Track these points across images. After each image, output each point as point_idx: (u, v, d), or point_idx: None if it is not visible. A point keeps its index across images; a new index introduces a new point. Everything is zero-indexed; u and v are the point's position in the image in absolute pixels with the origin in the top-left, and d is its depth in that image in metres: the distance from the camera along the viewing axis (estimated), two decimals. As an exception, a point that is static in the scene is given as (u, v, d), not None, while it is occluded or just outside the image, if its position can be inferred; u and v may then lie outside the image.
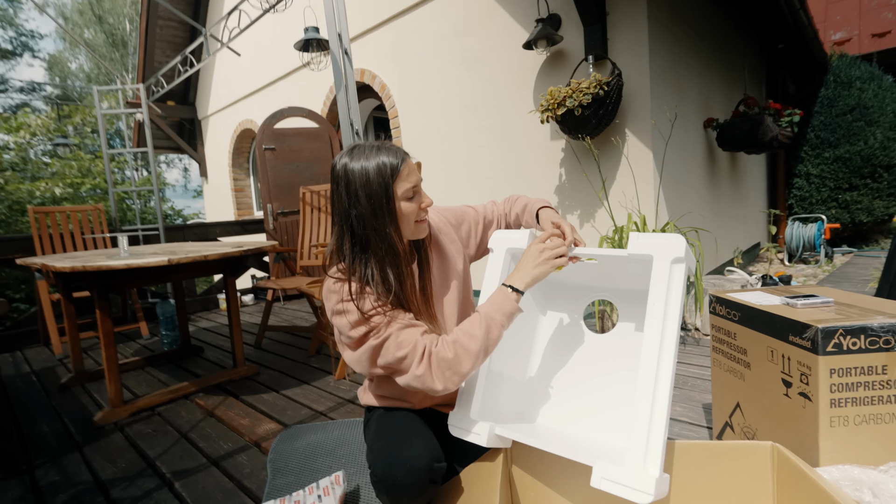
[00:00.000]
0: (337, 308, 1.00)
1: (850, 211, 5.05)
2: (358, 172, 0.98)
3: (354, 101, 1.92)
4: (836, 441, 0.99)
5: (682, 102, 3.12)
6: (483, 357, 0.97)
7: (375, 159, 0.99)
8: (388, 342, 0.97)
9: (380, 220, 0.99)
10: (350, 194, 0.99)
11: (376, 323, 0.97)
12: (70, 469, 1.61)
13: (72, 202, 8.95)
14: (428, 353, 0.95)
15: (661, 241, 0.97)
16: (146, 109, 4.25)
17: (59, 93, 14.96)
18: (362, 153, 1.00)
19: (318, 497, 1.21)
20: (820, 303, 1.13)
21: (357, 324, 0.98)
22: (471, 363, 0.95)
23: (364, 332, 0.98)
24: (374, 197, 0.98)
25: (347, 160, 1.00)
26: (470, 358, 0.95)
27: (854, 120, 4.89)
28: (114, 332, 2.00)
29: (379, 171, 0.98)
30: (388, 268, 1.01)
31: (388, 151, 1.01)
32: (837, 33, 6.38)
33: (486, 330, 0.96)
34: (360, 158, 0.99)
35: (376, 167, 0.98)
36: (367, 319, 0.97)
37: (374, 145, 1.02)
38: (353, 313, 0.98)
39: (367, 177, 0.98)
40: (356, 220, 1.00)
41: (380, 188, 0.98)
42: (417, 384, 0.96)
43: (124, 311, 3.75)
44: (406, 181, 1.01)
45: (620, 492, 0.82)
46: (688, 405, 1.72)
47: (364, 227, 1.00)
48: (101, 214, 3.57)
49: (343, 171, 1.00)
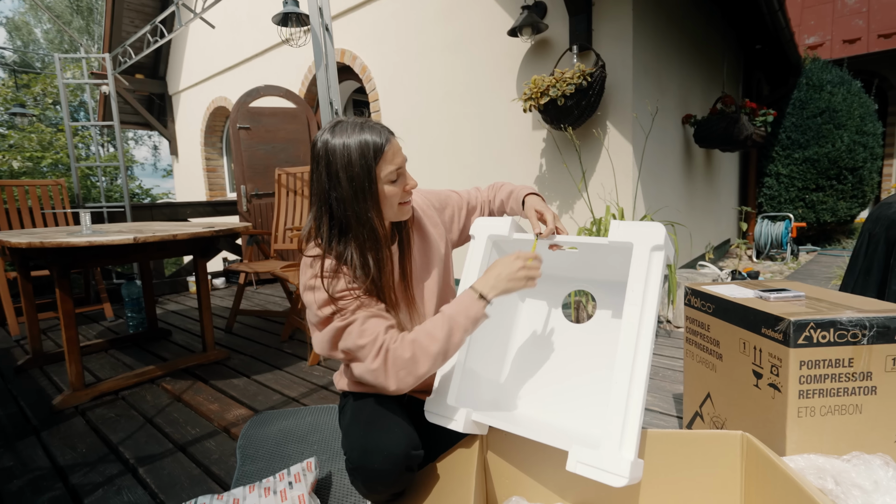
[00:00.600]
0: (309, 283, 0.97)
1: (816, 211, 5.23)
2: (339, 152, 0.94)
3: (335, 79, 1.86)
4: (803, 431, 1.02)
5: (663, 97, 3.15)
6: (442, 360, 0.94)
7: (359, 137, 0.94)
8: (352, 327, 0.94)
9: (361, 204, 0.95)
10: (330, 175, 0.95)
11: (344, 305, 0.95)
12: (26, 454, 1.53)
13: (31, 177, 8.51)
14: (385, 349, 0.92)
15: (641, 229, 0.98)
16: (112, 81, 4.05)
17: (18, 59, 14.14)
18: (345, 130, 0.95)
19: (288, 484, 1.18)
20: (792, 297, 1.15)
21: (326, 303, 0.95)
22: (428, 365, 0.92)
23: (331, 312, 0.95)
24: (355, 179, 0.94)
25: (329, 137, 0.96)
26: (428, 360, 0.92)
27: (823, 122, 5.04)
28: (75, 312, 1.91)
29: (362, 152, 0.94)
30: (367, 252, 0.98)
31: (373, 129, 0.96)
32: (811, 38, 6.56)
33: (449, 333, 0.93)
34: (342, 135, 0.95)
35: (359, 147, 0.94)
36: (336, 300, 0.95)
37: (357, 122, 0.97)
38: (323, 291, 0.95)
39: (349, 157, 0.93)
40: (336, 201, 0.96)
41: (362, 170, 0.94)
42: (370, 378, 0.93)
43: (87, 292, 3.60)
44: (390, 163, 0.97)
45: (596, 475, 0.82)
46: (659, 395, 1.75)
47: (344, 210, 0.96)
48: (62, 190, 3.40)
49: (324, 149, 0.95)
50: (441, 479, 1.03)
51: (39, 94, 9.49)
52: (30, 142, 8.61)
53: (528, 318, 1.25)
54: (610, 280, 1.17)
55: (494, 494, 1.07)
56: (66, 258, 1.82)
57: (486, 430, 1.05)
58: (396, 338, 0.94)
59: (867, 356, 1.00)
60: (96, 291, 3.59)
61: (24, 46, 15.11)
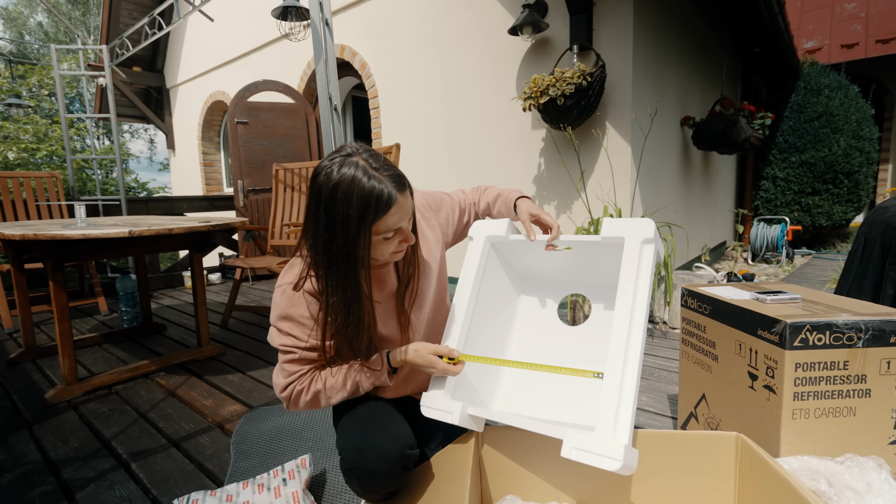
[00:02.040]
0: (281, 312, 0.98)
1: (812, 214, 5.26)
2: (340, 202, 0.84)
3: (334, 74, 1.85)
4: (797, 433, 1.03)
5: (662, 99, 3.16)
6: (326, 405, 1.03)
7: (367, 183, 0.84)
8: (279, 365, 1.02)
9: (351, 266, 0.88)
10: (327, 225, 0.86)
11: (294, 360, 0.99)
12: (17, 448, 1.52)
13: (26, 168, 8.44)
14: (291, 390, 0.99)
15: (632, 225, 1.01)
16: (109, 73, 4.02)
17: (14, 49, 14.01)
18: (355, 168, 0.85)
19: (282, 480, 1.18)
20: (788, 299, 1.16)
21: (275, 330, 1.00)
22: (325, 406, 1.02)
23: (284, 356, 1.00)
24: (349, 241, 0.86)
25: (336, 169, 0.85)
26: (326, 404, 1.01)
27: (821, 126, 5.06)
28: (69, 306, 1.90)
29: (362, 212, 0.84)
30: (350, 305, 0.92)
31: (385, 179, 0.86)
32: (809, 42, 6.58)
33: (352, 392, 1.01)
34: (348, 182, 0.84)
35: (364, 196, 0.83)
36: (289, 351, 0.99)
37: (371, 164, 0.86)
38: (279, 314, 0.98)
39: (348, 214, 0.84)
40: (324, 246, 0.88)
41: (359, 221, 0.85)
42: (280, 397, 1.01)
43: (81, 286, 3.58)
44: (392, 222, 0.88)
45: (590, 460, 0.81)
46: (653, 395, 1.76)
47: (330, 261, 0.89)
48: (57, 182, 3.37)
49: (328, 187, 0.85)
50: (436, 477, 1.03)
51: (35, 85, 9.42)
52: (25, 133, 8.54)
53: (526, 319, 1.25)
54: (604, 282, 1.17)
55: (489, 492, 1.07)
56: (60, 251, 1.81)
57: (482, 426, 1.04)
58: (304, 383, 1.00)
59: (862, 359, 1.00)
60: (90, 285, 3.57)
61: (18, 36, 14.98)
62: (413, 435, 1.02)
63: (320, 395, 0.99)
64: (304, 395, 0.99)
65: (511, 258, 1.23)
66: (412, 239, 0.95)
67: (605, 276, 1.14)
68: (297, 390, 0.98)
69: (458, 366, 1.00)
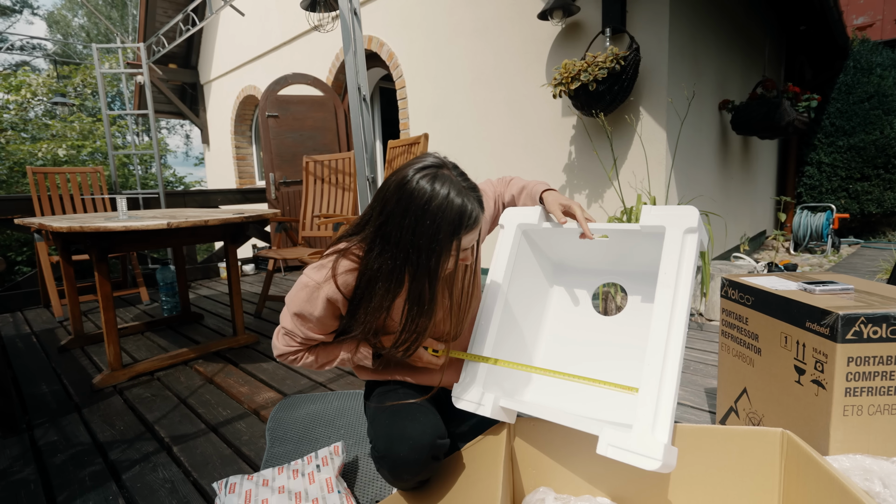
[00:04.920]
0: (297, 309, 0.99)
1: (860, 201, 4.98)
2: (432, 215, 0.86)
3: (363, 64, 1.85)
4: (848, 430, 0.97)
5: (699, 82, 3.03)
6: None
7: (460, 199, 0.87)
8: (284, 335, 1.06)
9: (431, 278, 0.91)
10: (414, 234, 0.88)
11: (294, 333, 1.03)
12: (69, 430, 1.60)
13: (73, 165, 8.85)
14: (286, 358, 1.07)
15: (673, 213, 0.95)
16: (147, 70, 4.15)
17: (59, 51, 14.65)
18: (446, 190, 0.87)
19: (316, 467, 1.20)
20: (839, 289, 1.09)
21: (292, 315, 1.02)
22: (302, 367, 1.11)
23: (290, 324, 1.03)
24: (434, 253, 0.89)
25: (428, 183, 0.87)
26: (309, 368, 1.10)
27: (872, 108, 4.77)
28: (113, 296, 1.98)
29: (453, 228, 0.87)
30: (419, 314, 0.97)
31: (472, 201, 0.89)
32: (860, 18, 6.18)
33: (337, 366, 1.14)
34: (444, 187, 0.87)
35: (453, 219, 0.87)
36: (292, 331, 1.03)
37: (461, 184, 0.89)
38: (294, 323, 1.02)
39: (439, 227, 0.86)
40: (403, 254, 0.90)
41: (442, 246, 0.88)
42: (273, 350, 1.08)
43: (124, 276, 3.74)
44: (470, 238, 0.92)
45: (627, 458, 0.79)
46: (690, 389, 1.70)
47: (408, 266, 0.91)
48: (101, 177, 3.52)
49: (421, 199, 0.86)
50: (468, 467, 1.03)
51: (79, 84, 9.82)
52: (72, 131, 8.94)
53: (559, 309, 1.23)
54: (641, 271, 1.13)
55: (521, 484, 1.06)
56: (103, 242, 1.88)
57: (513, 417, 1.03)
58: (299, 356, 1.07)
59: (923, 354, 0.94)
60: (133, 276, 3.72)
61: (63, 38, 15.64)
62: (443, 424, 1.02)
63: (311, 364, 1.09)
64: (296, 363, 1.08)
65: (543, 246, 1.21)
66: (471, 258, 1.00)
67: (644, 264, 1.10)
68: (290, 359, 1.08)
69: (442, 359, 1.05)
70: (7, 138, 8.76)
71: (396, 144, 2.70)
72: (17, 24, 15.69)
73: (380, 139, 4.95)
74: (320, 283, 0.96)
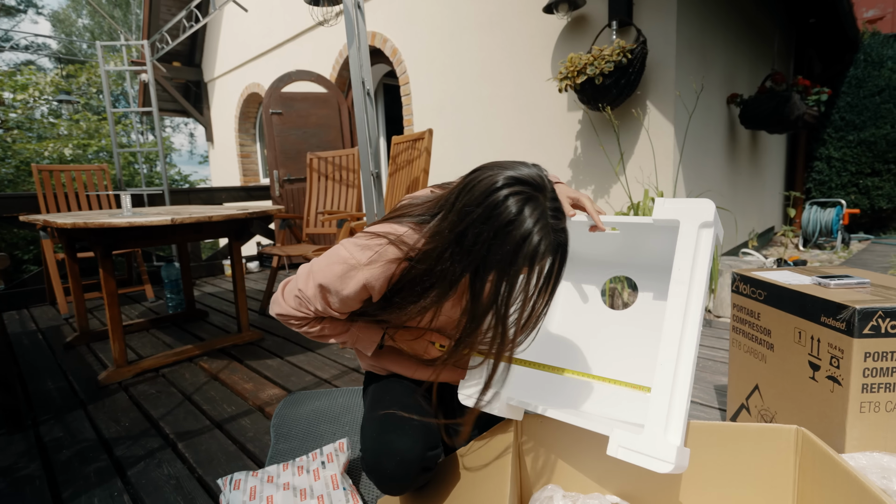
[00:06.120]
0: (325, 280, 0.92)
1: (871, 197, 4.91)
2: (505, 239, 0.77)
3: (367, 58, 1.83)
4: (865, 427, 0.95)
5: (707, 75, 2.99)
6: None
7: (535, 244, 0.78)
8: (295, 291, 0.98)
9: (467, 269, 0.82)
10: (474, 243, 0.79)
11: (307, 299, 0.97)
12: (74, 426, 1.60)
13: (79, 163, 8.89)
14: (286, 320, 1.01)
15: (688, 206, 0.90)
16: (150, 67, 4.15)
17: (63, 50, 14.72)
18: (531, 224, 0.77)
19: (321, 463, 1.19)
20: (855, 283, 1.07)
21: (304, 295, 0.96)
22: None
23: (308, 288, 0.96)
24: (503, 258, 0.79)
25: (515, 209, 0.77)
26: (305, 335, 1.04)
27: (883, 102, 4.70)
28: (118, 293, 1.98)
29: (511, 260, 0.78)
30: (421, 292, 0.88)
31: (550, 240, 0.80)
32: (870, 11, 6.10)
33: (341, 340, 1.05)
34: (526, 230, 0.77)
35: (520, 254, 0.78)
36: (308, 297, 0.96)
37: (550, 219, 0.80)
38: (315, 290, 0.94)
39: (505, 252, 0.78)
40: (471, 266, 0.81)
41: (515, 260, 0.78)
42: (275, 306, 1.02)
43: (129, 274, 3.74)
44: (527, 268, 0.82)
45: (638, 460, 0.77)
46: (699, 385, 1.68)
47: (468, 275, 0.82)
48: (105, 175, 3.52)
49: (504, 217, 0.77)
50: (476, 463, 1.01)
51: (84, 83, 9.87)
52: (78, 129, 8.99)
53: (567, 303, 1.21)
54: (652, 265, 1.11)
55: (529, 481, 1.04)
56: (108, 238, 1.88)
57: (521, 414, 1.02)
58: (301, 321, 1.01)
59: (943, 349, 0.91)
60: (138, 273, 3.73)
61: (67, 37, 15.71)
62: (436, 431, 0.98)
63: (312, 334, 1.03)
64: (295, 328, 1.03)
65: None
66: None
67: (655, 257, 1.07)
68: (293, 322, 1.02)
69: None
70: (13, 137, 8.81)
71: (400, 140, 2.68)
72: (21, 24, 15.78)
73: (384, 136, 4.93)
74: (362, 265, 0.89)
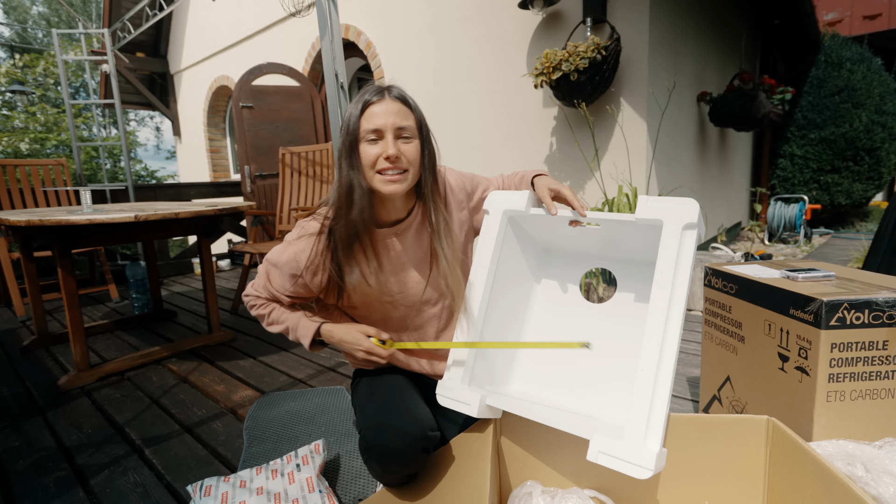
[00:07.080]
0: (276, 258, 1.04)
1: (830, 193, 5.12)
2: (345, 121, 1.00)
3: (340, 50, 1.78)
4: (832, 416, 0.98)
5: (679, 73, 3.05)
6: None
7: (361, 93, 0.99)
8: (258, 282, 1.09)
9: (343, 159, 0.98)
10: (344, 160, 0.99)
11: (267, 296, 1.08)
12: (32, 434, 1.52)
13: (36, 158, 8.47)
14: (248, 302, 1.11)
15: (672, 206, 0.90)
16: (112, 58, 3.97)
17: (17, 38, 13.97)
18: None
19: (296, 466, 1.16)
20: (822, 276, 1.10)
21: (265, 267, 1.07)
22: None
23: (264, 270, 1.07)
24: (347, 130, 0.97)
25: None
26: (260, 320, 1.12)
27: (842, 101, 4.89)
28: (80, 293, 1.89)
29: (355, 103, 0.98)
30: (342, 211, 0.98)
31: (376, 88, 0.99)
32: (830, 14, 6.34)
33: (284, 331, 1.08)
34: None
35: (356, 100, 0.98)
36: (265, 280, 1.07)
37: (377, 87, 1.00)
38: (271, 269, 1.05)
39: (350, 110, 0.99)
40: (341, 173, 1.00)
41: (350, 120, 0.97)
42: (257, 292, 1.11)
43: (92, 273, 3.58)
44: (369, 121, 0.95)
45: (619, 466, 0.78)
46: (673, 378, 1.71)
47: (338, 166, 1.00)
48: (64, 170, 3.36)
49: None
50: (455, 461, 1.00)
51: (41, 74, 9.40)
52: (35, 123, 8.55)
53: (545, 298, 1.21)
54: (632, 259, 1.11)
55: (508, 478, 1.04)
56: (66, 237, 1.79)
57: (500, 413, 1.01)
58: (259, 304, 1.10)
59: (903, 338, 0.95)
60: (101, 273, 3.57)
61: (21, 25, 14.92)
62: (433, 417, 0.99)
63: (263, 318, 1.11)
64: (253, 311, 1.12)
65: (531, 231, 1.18)
66: (393, 152, 0.95)
67: (635, 250, 1.07)
68: (249, 302, 1.12)
69: (387, 349, 1.01)
70: (-36, 130, 8.33)
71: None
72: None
73: (359, 131, 4.86)
74: (292, 240, 1.03)
